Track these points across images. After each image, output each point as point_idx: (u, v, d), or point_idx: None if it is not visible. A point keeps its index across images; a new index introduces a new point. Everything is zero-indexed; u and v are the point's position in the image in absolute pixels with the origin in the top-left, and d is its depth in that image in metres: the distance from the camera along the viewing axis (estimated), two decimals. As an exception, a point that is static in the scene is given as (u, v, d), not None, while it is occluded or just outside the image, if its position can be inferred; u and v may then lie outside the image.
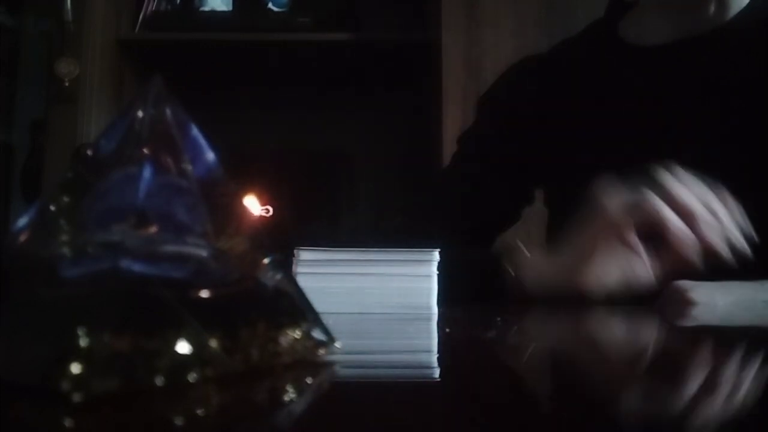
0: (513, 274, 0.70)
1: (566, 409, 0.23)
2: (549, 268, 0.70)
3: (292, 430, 0.21)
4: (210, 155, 0.29)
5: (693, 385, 0.28)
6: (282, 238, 0.34)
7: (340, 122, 2.00)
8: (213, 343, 0.25)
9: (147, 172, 0.26)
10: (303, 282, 0.31)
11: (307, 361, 0.29)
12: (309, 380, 0.28)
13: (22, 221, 0.28)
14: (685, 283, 0.60)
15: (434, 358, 0.36)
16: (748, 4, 0.80)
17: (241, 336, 0.26)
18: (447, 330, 0.48)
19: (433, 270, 0.55)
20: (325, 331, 0.30)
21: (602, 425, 0.21)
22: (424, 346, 0.42)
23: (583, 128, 0.83)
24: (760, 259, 0.71)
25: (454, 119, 1.56)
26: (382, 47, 1.73)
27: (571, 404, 0.24)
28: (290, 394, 0.25)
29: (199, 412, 0.22)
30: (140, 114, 0.27)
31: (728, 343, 0.43)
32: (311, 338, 0.29)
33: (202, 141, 0.29)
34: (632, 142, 0.79)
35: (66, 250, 0.25)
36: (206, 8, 1.77)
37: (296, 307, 0.30)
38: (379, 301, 0.54)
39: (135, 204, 0.25)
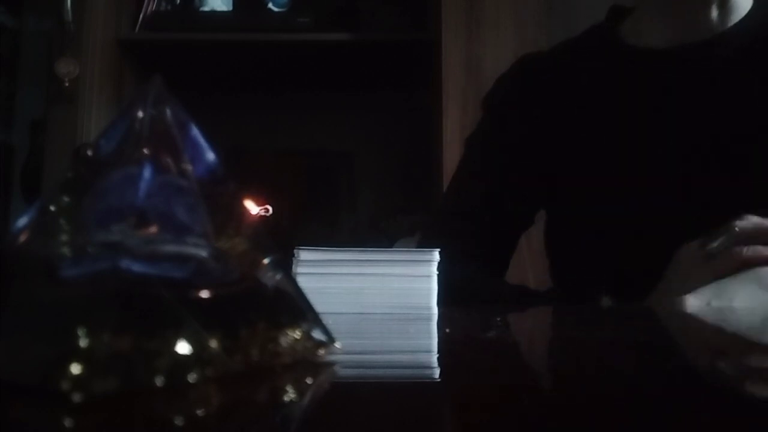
0: None
1: (567, 409, 0.23)
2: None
3: (292, 431, 0.21)
4: (210, 155, 0.29)
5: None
6: (282, 238, 0.33)
7: (340, 122, 2.00)
8: (213, 343, 0.25)
9: (147, 172, 0.26)
10: (303, 282, 0.31)
11: (307, 361, 0.29)
12: (309, 380, 0.28)
13: (22, 221, 0.28)
14: None
15: (434, 358, 0.36)
16: (751, 10, 0.80)
17: (241, 336, 0.26)
18: (447, 330, 0.48)
19: (433, 270, 0.55)
20: (325, 331, 0.30)
21: (602, 424, 0.21)
22: (424, 346, 0.42)
23: (585, 131, 0.82)
24: None
25: (454, 119, 1.56)
26: (382, 47, 1.73)
27: (572, 404, 0.24)
28: (290, 394, 0.25)
29: (199, 412, 0.22)
30: (140, 114, 0.27)
31: None
32: (311, 338, 0.29)
33: (202, 141, 0.29)
34: (633, 147, 0.79)
35: (66, 250, 0.25)
36: (206, 8, 1.77)
37: (296, 307, 0.30)
38: (379, 301, 0.54)
39: (135, 204, 0.25)
